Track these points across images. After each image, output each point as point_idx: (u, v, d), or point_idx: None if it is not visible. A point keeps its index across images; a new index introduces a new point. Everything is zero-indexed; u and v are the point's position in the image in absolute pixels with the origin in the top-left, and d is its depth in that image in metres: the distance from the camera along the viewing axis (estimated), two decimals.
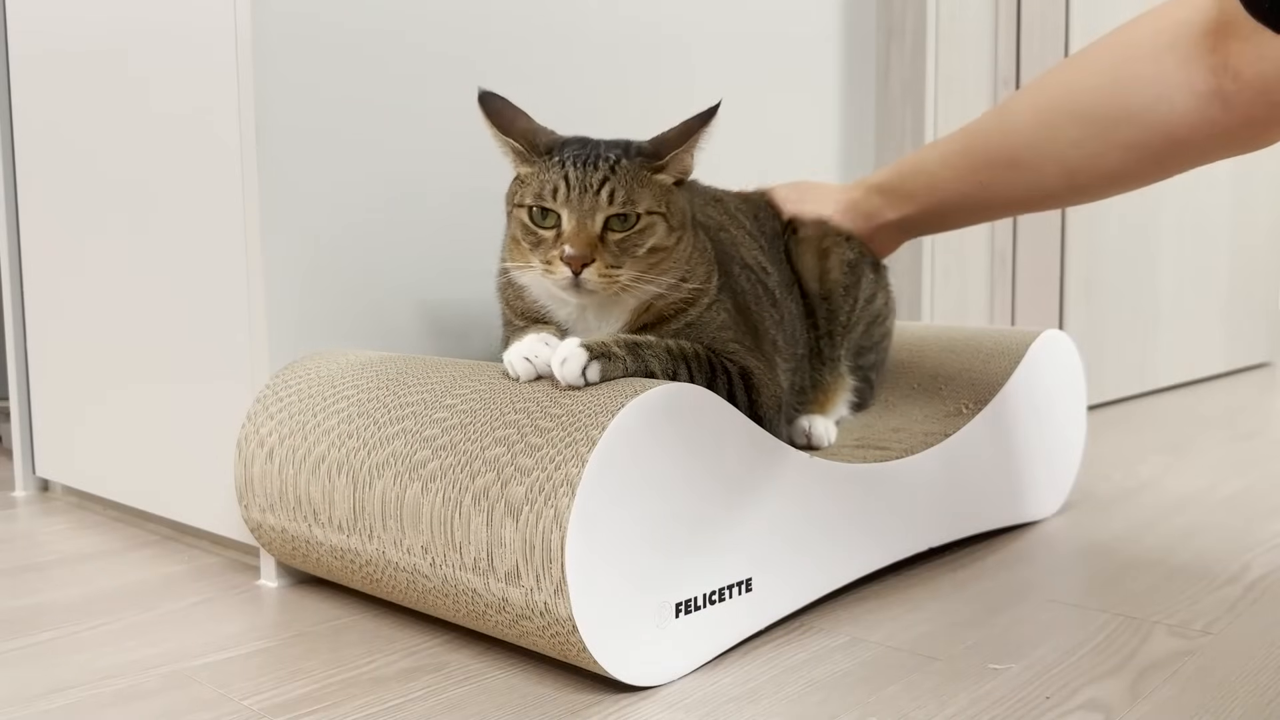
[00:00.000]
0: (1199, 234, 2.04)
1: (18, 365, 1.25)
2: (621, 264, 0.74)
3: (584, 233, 0.74)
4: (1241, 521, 1.07)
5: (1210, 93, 0.73)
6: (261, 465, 0.85)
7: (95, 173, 1.09)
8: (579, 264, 0.73)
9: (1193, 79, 0.74)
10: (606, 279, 0.74)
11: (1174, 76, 0.75)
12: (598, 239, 0.74)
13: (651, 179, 0.77)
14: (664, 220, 0.76)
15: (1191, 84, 0.74)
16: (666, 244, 0.77)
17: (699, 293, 0.80)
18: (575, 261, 0.73)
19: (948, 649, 0.75)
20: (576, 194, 0.74)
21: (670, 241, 0.77)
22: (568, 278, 0.73)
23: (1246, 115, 0.73)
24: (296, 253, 0.91)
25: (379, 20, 0.95)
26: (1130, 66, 0.78)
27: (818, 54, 1.47)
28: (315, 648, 0.77)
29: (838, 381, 0.98)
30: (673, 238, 0.77)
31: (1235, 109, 0.73)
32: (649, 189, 0.76)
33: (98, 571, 0.96)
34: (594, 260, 0.73)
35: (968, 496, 0.97)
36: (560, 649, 0.67)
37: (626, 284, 0.75)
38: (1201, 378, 2.11)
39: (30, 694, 0.70)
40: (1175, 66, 0.75)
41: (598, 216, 0.74)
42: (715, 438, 0.71)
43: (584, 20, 1.13)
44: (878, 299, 1.01)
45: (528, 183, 0.77)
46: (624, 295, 0.77)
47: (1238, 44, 0.71)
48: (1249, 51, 0.70)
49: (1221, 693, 0.67)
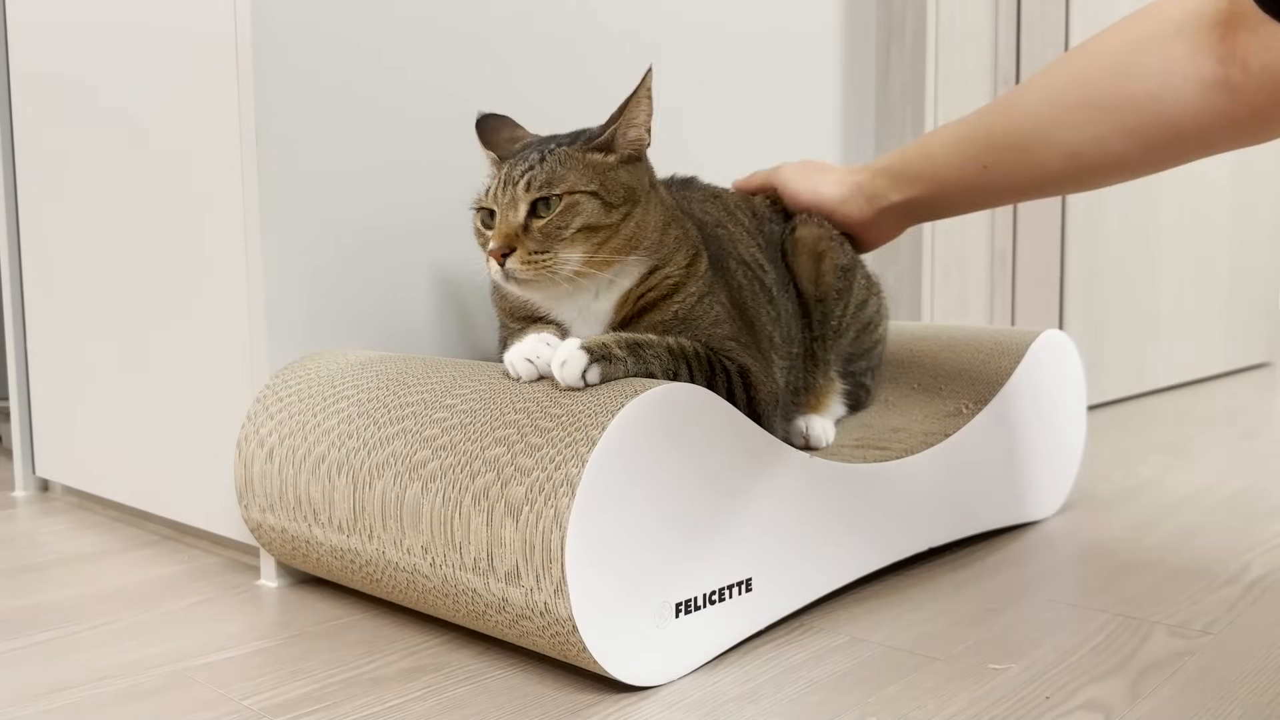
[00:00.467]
0: (1199, 234, 2.04)
1: (18, 365, 1.25)
2: (548, 248, 0.75)
3: (504, 224, 0.75)
4: (1241, 521, 1.07)
5: (1217, 82, 0.74)
6: (261, 465, 0.85)
7: (95, 173, 1.09)
8: (499, 255, 0.75)
9: (1200, 68, 0.74)
10: (530, 265, 0.74)
11: (1182, 64, 0.75)
12: (520, 228, 0.75)
13: (583, 159, 0.77)
14: (594, 198, 0.76)
15: (1199, 73, 0.74)
16: (605, 221, 0.76)
17: (681, 278, 0.79)
18: (496, 253, 0.75)
19: (948, 649, 0.75)
20: (502, 188, 0.76)
21: (611, 219, 0.76)
22: (499, 271, 0.75)
23: (1252, 106, 0.73)
24: (296, 253, 0.91)
25: (380, 21, 0.95)
26: (1139, 54, 0.78)
27: (818, 54, 1.47)
28: (315, 648, 0.77)
29: (829, 385, 0.98)
30: (614, 215, 0.76)
31: (1240, 99, 0.73)
32: (576, 169, 0.76)
33: (98, 571, 0.96)
34: (515, 249, 0.74)
35: (968, 496, 0.97)
36: (560, 649, 0.67)
37: (558, 268, 0.75)
38: (1201, 378, 2.11)
39: (30, 694, 0.70)
40: (1184, 55, 0.75)
41: (520, 206, 0.75)
42: (715, 438, 0.71)
43: (585, 20, 1.13)
44: (869, 305, 1.01)
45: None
46: (583, 281, 0.76)
47: (1245, 35, 0.71)
48: (1256, 43, 0.71)
49: (1221, 693, 0.67)
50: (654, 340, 0.74)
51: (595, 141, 0.77)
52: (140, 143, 1.03)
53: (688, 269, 0.80)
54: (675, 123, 1.24)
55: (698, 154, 1.25)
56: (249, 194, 0.89)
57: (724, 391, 0.76)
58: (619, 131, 0.77)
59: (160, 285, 1.02)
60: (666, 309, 0.79)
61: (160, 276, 1.02)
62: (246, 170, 0.89)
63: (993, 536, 1.03)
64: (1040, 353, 1.05)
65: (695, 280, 0.80)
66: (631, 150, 0.78)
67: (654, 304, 0.79)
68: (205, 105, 0.93)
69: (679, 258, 0.80)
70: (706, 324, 0.79)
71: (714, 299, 0.81)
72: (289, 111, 0.90)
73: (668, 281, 0.79)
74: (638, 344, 0.72)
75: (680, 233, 0.81)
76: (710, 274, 0.82)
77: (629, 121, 0.77)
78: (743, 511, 0.73)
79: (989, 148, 0.89)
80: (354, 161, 0.94)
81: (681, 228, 0.82)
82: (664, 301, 0.79)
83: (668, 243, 0.79)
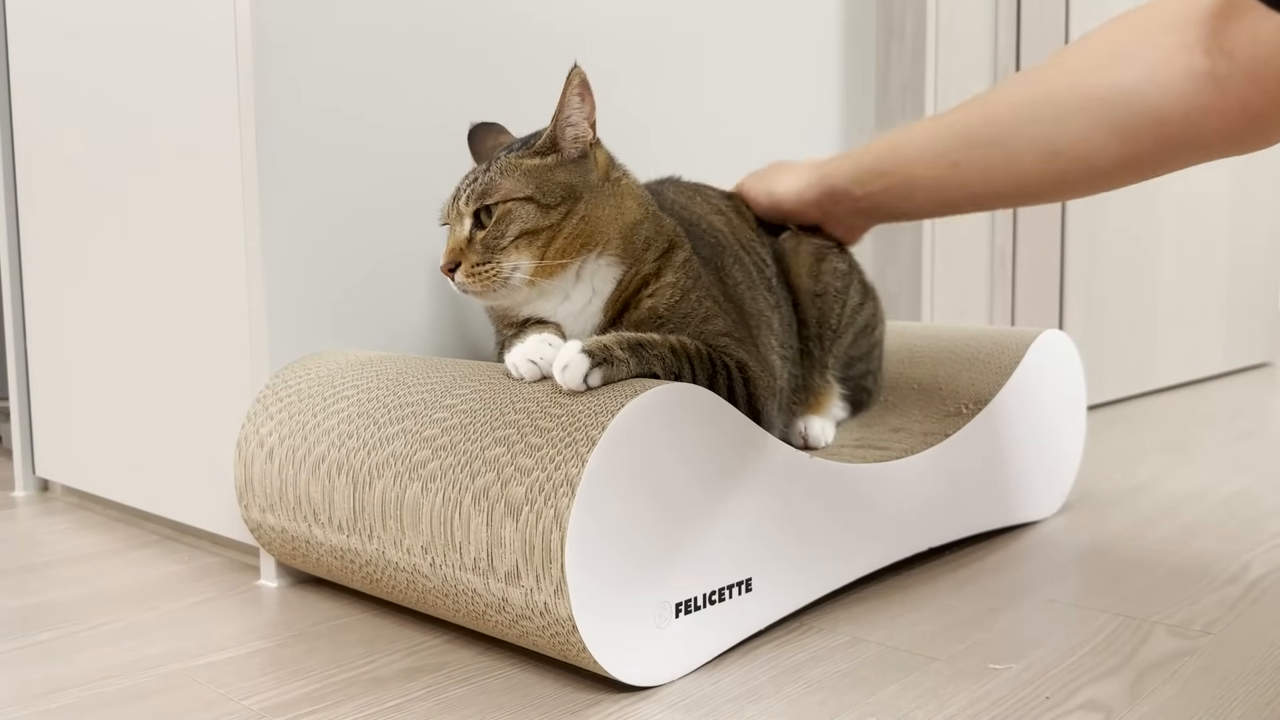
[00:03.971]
0: (1199, 234, 2.04)
1: (18, 365, 1.25)
2: (489, 259, 0.76)
3: (452, 238, 0.78)
4: (1241, 521, 1.07)
5: (1204, 75, 0.69)
6: (261, 465, 0.85)
7: (96, 173, 1.09)
8: (447, 271, 0.77)
9: (1191, 61, 0.70)
10: (475, 277, 0.76)
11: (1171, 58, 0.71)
12: (465, 242, 0.77)
13: (520, 164, 0.77)
14: (528, 202, 0.76)
15: (1189, 66, 0.70)
16: (543, 224, 0.76)
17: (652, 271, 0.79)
18: (445, 270, 0.77)
19: (948, 649, 0.75)
20: (451, 204, 0.79)
21: (549, 220, 0.76)
22: (452, 285, 0.77)
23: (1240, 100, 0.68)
24: (296, 253, 0.91)
25: (380, 21, 0.95)
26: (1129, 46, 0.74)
27: (818, 53, 1.47)
28: (315, 648, 0.77)
29: (827, 387, 0.98)
30: (552, 215, 0.76)
31: (1228, 93, 0.69)
32: (511, 176, 0.77)
33: (98, 571, 0.96)
34: (460, 263, 0.76)
35: (968, 496, 0.97)
36: (560, 649, 0.67)
37: (505, 276, 0.76)
38: (1201, 378, 2.11)
39: (30, 694, 0.70)
40: (1175, 48, 0.71)
41: (465, 220, 0.77)
42: (715, 438, 0.71)
43: (585, 20, 1.13)
44: (865, 308, 1.01)
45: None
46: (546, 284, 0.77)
47: (1235, 24, 0.67)
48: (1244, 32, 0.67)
49: (1221, 693, 0.67)
50: (656, 340, 0.73)
51: (535, 146, 0.78)
52: (140, 143, 1.03)
53: (659, 262, 0.80)
54: (675, 123, 1.24)
55: (698, 155, 1.25)
56: (249, 194, 0.89)
57: (724, 388, 0.75)
58: (558, 132, 0.78)
59: (160, 285, 1.02)
60: (641, 305, 0.79)
61: (160, 277, 1.02)
62: (247, 170, 0.89)
63: (993, 536, 1.03)
64: (1040, 353, 1.05)
65: (671, 271, 0.80)
66: (576, 149, 0.79)
67: (631, 302, 0.79)
68: (206, 105, 0.93)
69: (649, 254, 0.80)
70: (697, 321, 0.79)
71: (701, 293, 0.80)
72: (290, 111, 0.90)
73: (638, 277, 0.79)
74: (639, 344, 0.72)
75: (652, 228, 0.80)
76: (695, 266, 0.81)
77: (564, 121, 0.78)
78: (743, 511, 0.73)
79: (962, 143, 0.83)
80: (354, 161, 0.94)
81: (655, 224, 0.81)
82: (637, 298, 0.79)
83: (637, 241, 0.79)
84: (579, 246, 0.77)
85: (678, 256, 0.80)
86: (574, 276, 0.78)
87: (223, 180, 0.92)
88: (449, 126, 1.00)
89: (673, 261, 0.80)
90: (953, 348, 1.09)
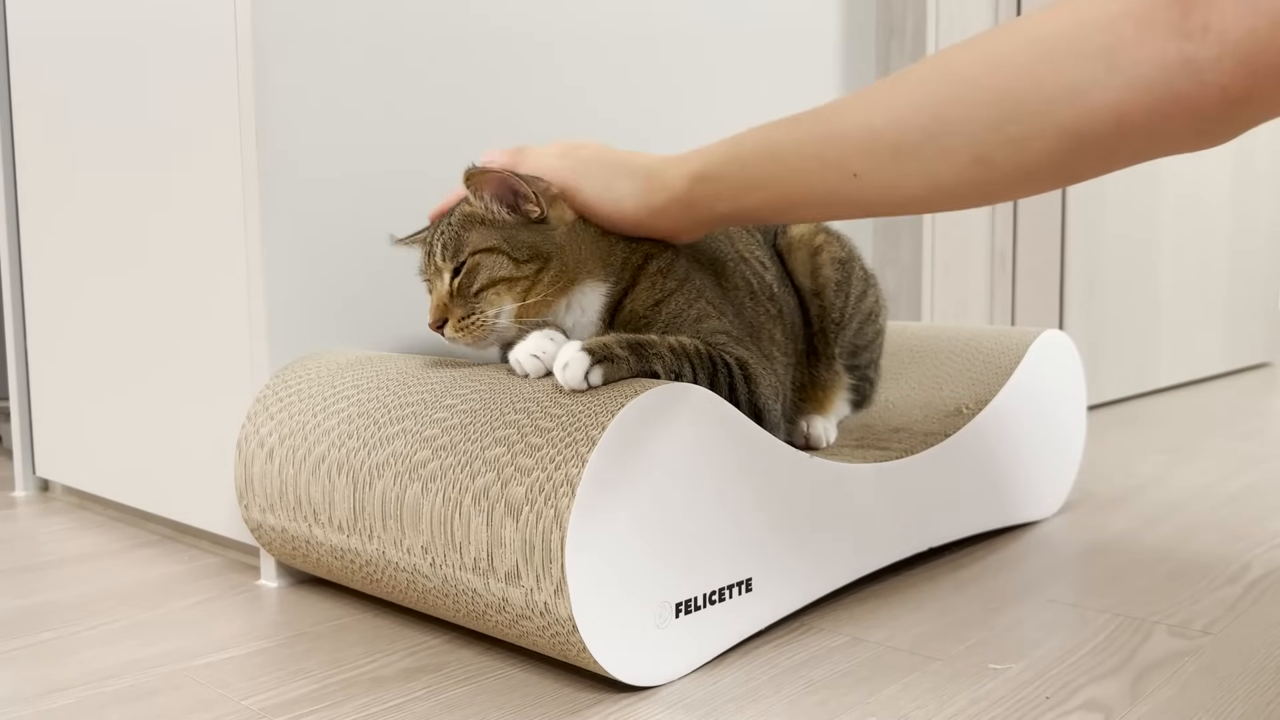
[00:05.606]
0: (1199, 234, 2.04)
1: (18, 365, 1.25)
2: (473, 310, 0.77)
3: (435, 295, 0.79)
4: (1242, 521, 1.07)
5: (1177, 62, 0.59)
6: (261, 465, 0.85)
7: (96, 173, 1.09)
8: (436, 328, 0.78)
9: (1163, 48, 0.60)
10: (464, 330, 0.77)
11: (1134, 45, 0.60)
12: (446, 297, 0.78)
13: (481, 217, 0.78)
14: (495, 253, 0.77)
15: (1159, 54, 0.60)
16: (518, 274, 0.76)
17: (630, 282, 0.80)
18: (433, 326, 0.78)
19: (948, 649, 0.75)
20: (427, 260, 0.80)
21: (524, 271, 0.77)
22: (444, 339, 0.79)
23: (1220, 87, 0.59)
24: (297, 252, 0.91)
25: (381, 20, 0.95)
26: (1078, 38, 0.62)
27: (818, 53, 1.47)
28: (315, 648, 0.77)
29: (834, 379, 0.98)
30: (525, 269, 0.77)
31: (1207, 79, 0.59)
32: (476, 229, 0.78)
33: (98, 571, 0.96)
34: (447, 318, 0.77)
35: (968, 496, 0.97)
36: (560, 649, 0.67)
37: (493, 322, 0.77)
38: (1201, 378, 2.11)
39: (30, 694, 0.70)
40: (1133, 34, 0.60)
41: (445, 275, 0.78)
42: (715, 437, 0.71)
43: (585, 20, 1.13)
44: (869, 297, 1.01)
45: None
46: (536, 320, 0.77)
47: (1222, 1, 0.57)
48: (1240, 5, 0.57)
49: (1221, 693, 0.67)
50: (656, 340, 0.73)
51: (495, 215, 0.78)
52: (141, 143, 1.03)
53: (637, 273, 0.81)
54: (675, 123, 1.24)
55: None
56: (249, 194, 0.89)
57: (725, 387, 0.75)
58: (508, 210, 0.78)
59: (161, 285, 1.02)
60: (623, 310, 0.80)
61: (161, 276, 1.02)
62: (247, 170, 0.89)
63: (993, 536, 1.03)
64: (1040, 353, 1.05)
65: (645, 278, 0.81)
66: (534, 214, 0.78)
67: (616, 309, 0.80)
68: (206, 105, 0.93)
69: (626, 272, 0.81)
70: (690, 321, 0.79)
71: (691, 295, 0.81)
72: (290, 111, 0.90)
73: (619, 289, 0.80)
74: (640, 344, 0.72)
75: (627, 248, 0.81)
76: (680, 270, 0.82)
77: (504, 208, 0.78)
78: (743, 511, 0.73)
79: (862, 152, 0.69)
80: (355, 161, 0.94)
81: (629, 242, 0.82)
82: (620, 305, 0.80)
83: (614, 263, 0.80)
84: (559, 290, 0.78)
85: (653, 265, 0.81)
86: (563, 307, 0.79)
87: (223, 180, 0.92)
88: (450, 125, 1.00)
89: (648, 270, 0.81)
90: (953, 348, 1.09)
